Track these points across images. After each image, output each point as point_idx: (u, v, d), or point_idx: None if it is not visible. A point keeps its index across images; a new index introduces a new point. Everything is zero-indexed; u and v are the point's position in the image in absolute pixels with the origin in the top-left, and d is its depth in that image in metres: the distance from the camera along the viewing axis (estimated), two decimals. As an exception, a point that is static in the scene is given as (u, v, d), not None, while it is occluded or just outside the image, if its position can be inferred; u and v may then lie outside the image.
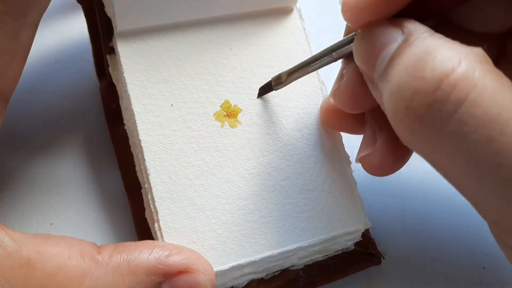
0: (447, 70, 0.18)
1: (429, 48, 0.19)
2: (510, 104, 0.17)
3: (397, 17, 0.21)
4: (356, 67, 0.23)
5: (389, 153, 0.25)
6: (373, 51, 0.21)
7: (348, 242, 0.27)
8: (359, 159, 0.26)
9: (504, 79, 0.18)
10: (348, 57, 0.24)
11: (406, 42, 0.20)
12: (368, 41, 0.21)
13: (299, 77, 0.27)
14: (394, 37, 0.20)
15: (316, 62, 0.25)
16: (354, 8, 0.21)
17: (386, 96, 0.20)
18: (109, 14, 0.26)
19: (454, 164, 0.19)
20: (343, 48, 0.24)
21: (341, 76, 0.25)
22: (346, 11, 0.22)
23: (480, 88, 0.17)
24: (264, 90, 0.28)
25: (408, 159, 0.26)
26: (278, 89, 0.27)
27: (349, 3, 0.21)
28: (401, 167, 0.26)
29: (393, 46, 0.20)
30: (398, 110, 0.19)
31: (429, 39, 0.19)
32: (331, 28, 0.37)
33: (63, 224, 0.28)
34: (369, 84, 0.22)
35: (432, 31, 0.20)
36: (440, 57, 0.18)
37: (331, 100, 0.26)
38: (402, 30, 0.20)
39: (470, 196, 0.19)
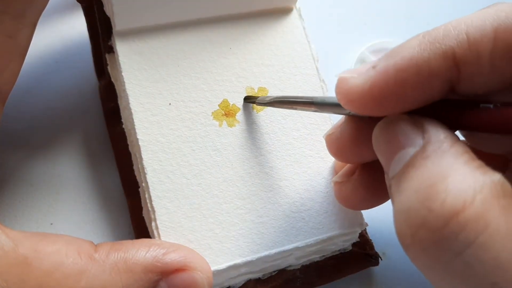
0: (457, 207, 0.16)
1: (444, 171, 0.17)
2: None
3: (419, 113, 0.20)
4: (353, 128, 0.23)
5: (365, 190, 0.25)
6: (391, 148, 0.20)
7: (345, 243, 0.27)
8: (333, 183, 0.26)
9: None
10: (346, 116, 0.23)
11: (423, 152, 0.18)
12: (388, 135, 0.20)
13: (281, 108, 0.27)
14: (412, 140, 0.19)
15: (304, 107, 0.24)
16: (353, 101, 0.20)
17: (395, 211, 0.19)
18: (108, 13, 0.26)
19: None
20: (336, 108, 0.22)
21: (338, 126, 0.24)
22: (342, 101, 0.21)
23: (492, 230, 0.16)
24: (249, 100, 0.28)
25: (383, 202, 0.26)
26: (258, 105, 0.27)
27: (343, 92, 0.20)
28: (373, 206, 0.26)
29: (410, 151, 0.19)
30: (404, 235, 0.18)
31: (446, 156, 0.18)
32: (331, 28, 0.37)
33: (62, 224, 0.28)
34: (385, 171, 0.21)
35: (453, 139, 0.18)
36: (452, 187, 0.17)
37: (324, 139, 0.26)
38: (422, 133, 0.19)
39: None
